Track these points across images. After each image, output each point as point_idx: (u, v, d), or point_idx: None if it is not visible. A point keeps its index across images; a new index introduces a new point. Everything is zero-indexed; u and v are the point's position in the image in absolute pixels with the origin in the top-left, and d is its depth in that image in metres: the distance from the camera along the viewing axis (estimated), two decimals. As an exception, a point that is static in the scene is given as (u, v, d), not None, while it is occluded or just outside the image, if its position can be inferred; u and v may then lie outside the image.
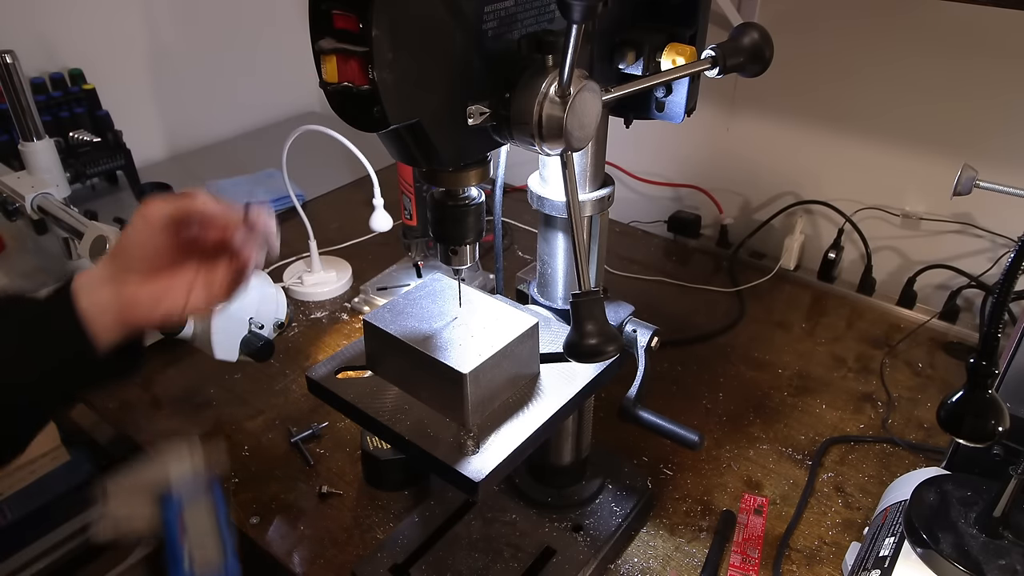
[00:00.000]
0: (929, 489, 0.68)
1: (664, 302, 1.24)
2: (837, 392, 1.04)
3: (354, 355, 0.69)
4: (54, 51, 1.47)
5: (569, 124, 0.50)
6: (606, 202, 0.66)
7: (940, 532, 0.63)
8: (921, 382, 1.06)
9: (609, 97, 0.54)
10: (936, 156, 1.14)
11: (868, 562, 0.69)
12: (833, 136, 1.23)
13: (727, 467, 0.91)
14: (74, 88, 1.45)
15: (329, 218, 1.43)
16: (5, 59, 1.02)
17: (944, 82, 1.09)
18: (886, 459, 0.93)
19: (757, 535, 0.82)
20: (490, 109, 0.51)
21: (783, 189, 1.32)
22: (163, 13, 1.62)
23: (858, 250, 1.25)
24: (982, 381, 0.56)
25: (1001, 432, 0.56)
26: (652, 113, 0.66)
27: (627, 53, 0.62)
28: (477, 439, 0.59)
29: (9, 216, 1.12)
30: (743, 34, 0.60)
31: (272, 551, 0.81)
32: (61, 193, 1.12)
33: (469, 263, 0.62)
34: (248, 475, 0.90)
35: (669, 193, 1.45)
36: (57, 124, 1.37)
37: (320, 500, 0.86)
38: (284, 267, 1.27)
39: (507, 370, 0.63)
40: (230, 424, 0.97)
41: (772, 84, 1.24)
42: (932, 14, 1.06)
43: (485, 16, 0.49)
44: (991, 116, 1.07)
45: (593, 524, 0.80)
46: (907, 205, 1.20)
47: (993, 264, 1.14)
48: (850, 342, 1.14)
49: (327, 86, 0.46)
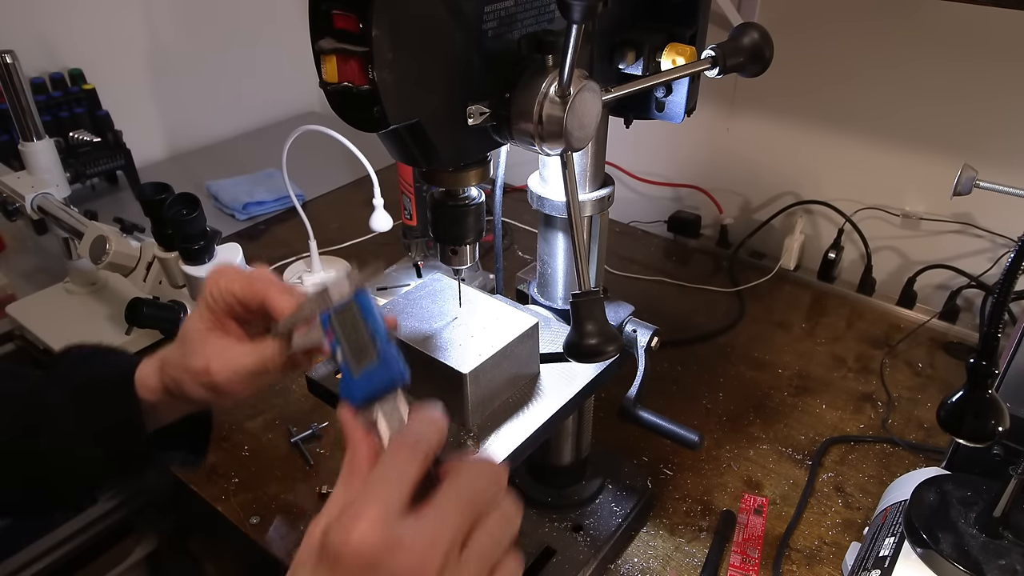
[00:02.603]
0: (929, 489, 0.68)
1: (664, 302, 1.24)
2: (837, 392, 1.04)
3: (354, 355, 0.69)
4: (54, 51, 1.47)
5: (569, 124, 0.50)
6: (606, 202, 0.66)
7: (940, 532, 0.63)
8: (921, 382, 1.06)
9: (609, 97, 0.54)
10: (936, 156, 1.14)
11: (868, 562, 0.69)
12: (833, 136, 1.23)
13: (727, 467, 0.91)
14: (74, 88, 1.45)
15: (329, 218, 1.43)
16: (5, 59, 1.02)
17: (945, 82, 1.09)
18: (886, 459, 0.93)
19: (757, 535, 0.82)
20: (490, 109, 0.51)
21: (783, 189, 1.32)
22: (163, 13, 1.62)
23: (858, 250, 1.25)
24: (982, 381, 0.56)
25: (1001, 432, 0.56)
26: (652, 113, 0.66)
27: (627, 53, 0.62)
28: (477, 439, 0.59)
29: (9, 216, 1.12)
30: (743, 34, 0.60)
31: (272, 551, 0.81)
32: (61, 193, 1.12)
33: (469, 263, 0.62)
34: (248, 475, 0.90)
35: (669, 193, 1.45)
36: (57, 124, 1.38)
37: (320, 500, 0.86)
38: (284, 267, 1.27)
39: (507, 370, 0.63)
40: (230, 424, 0.97)
41: (772, 84, 1.24)
42: (933, 14, 1.06)
43: (485, 16, 0.49)
44: (991, 116, 1.07)
45: (593, 524, 0.80)
46: (907, 205, 1.20)
47: (993, 264, 1.14)
48: (850, 342, 1.14)
49: (327, 86, 0.46)
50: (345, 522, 0.35)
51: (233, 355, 0.53)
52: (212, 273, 0.54)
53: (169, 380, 0.55)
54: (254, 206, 1.48)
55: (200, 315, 0.54)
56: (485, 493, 0.38)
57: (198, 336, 0.53)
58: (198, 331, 0.54)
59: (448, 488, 0.37)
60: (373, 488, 0.36)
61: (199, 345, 0.53)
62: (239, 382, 0.53)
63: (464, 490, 0.37)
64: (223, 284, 0.53)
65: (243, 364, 0.53)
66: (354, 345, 0.45)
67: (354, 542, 0.34)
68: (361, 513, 0.35)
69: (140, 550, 1.14)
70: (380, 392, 0.43)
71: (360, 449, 0.41)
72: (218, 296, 0.53)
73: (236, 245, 0.92)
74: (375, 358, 0.44)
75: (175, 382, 0.55)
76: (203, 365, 0.52)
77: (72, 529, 1.06)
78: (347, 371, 0.44)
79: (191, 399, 0.55)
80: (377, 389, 0.43)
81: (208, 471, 0.90)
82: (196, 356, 0.53)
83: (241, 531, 0.83)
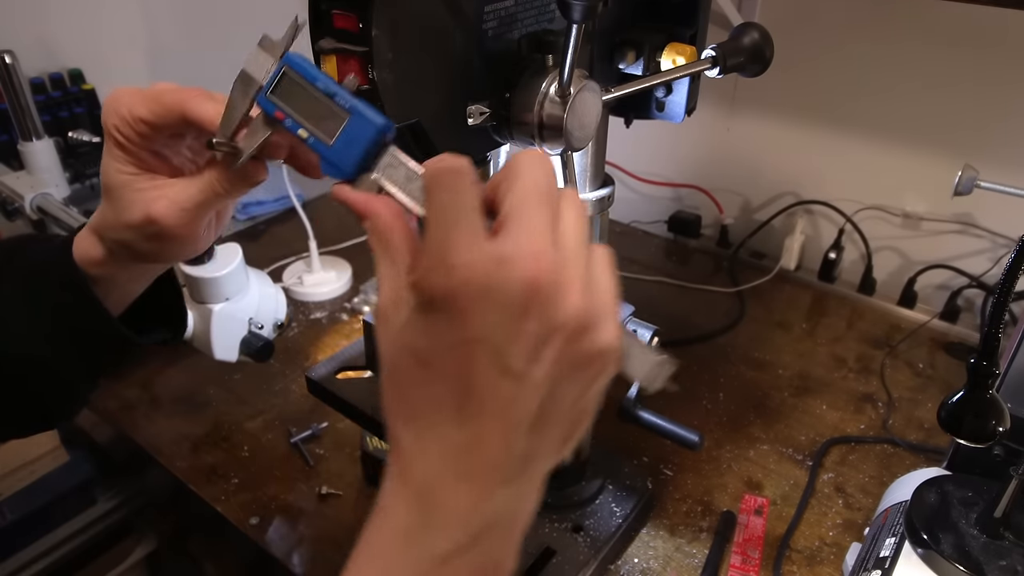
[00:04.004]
0: (930, 490, 0.68)
1: (664, 302, 1.24)
2: (837, 392, 1.04)
3: (354, 355, 0.69)
4: (53, 51, 1.47)
5: (569, 124, 0.50)
6: (606, 202, 0.66)
7: (941, 533, 0.63)
8: (922, 382, 1.06)
9: (609, 97, 0.54)
10: (937, 156, 1.14)
11: (868, 563, 0.69)
12: (834, 136, 1.22)
13: (727, 467, 0.91)
14: (73, 88, 1.45)
15: (329, 218, 1.43)
16: (4, 59, 1.02)
17: (946, 82, 1.09)
18: (887, 459, 0.93)
19: (757, 535, 0.82)
20: (490, 109, 0.51)
21: (783, 189, 1.32)
22: (163, 13, 1.62)
23: (858, 250, 1.25)
24: (983, 381, 0.56)
25: (1002, 432, 0.56)
26: (652, 113, 0.66)
27: (627, 53, 0.62)
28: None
29: (8, 216, 1.12)
30: (743, 34, 0.60)
31: (272, 552, 0.80)
32: (60, 193, 1.12)
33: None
34: (248, 475, 0.89)
35: (669, 193, 1.45)
36: (56, 124, 1.37)
37: (320, 501, 0.86)
38: (284, 267, 1.27)
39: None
40: (230, 424, 0.97)
41: (772, 84, 1.24)
42: (934, 14, 1.05)
43: (485, 16, 0.49)
44: (992, 116, 1.07)
45: (593, 524, 0.80)
46: (908, 205, 1.20)
47: (994, 264, 1.14)
48: (850, 342, 1.14)
49: (327, 86, 0.46)
50: (435, 263, 0.31)
51: (172, 193, 0.45)
52: (107, 103, 0.44)
53: (112, 244, 0.48)
54: (254, 206, 1.48)
55: (114, 157, 0.45)
56: (548, 182, 0.33)
57: (122, 183, 0.45)
58: (120, 179, 0.45)
59: (511, 195, 0.32)
60: (441, 223, 0.31)
61: (128, 193, 0.45)
62: (189, 222, 0.46)
63: (529, 188, 0.32)
64: (125, 112, 0.44)
65: (188, 198, 0.45)
66: (313, 112, 0.38)
67: (460, 274, 0.30)
68: (449, 248, 0.30)
69: (140, 550, 1.14)
70: (371, 148, 0.37)
71: (383, 214, 0.35)
72: (125, 128, 0.44)
73: (236, 245, 0.92)
74: (345, 114, 0.37)
75: (119, 244, 0.47)
76: (142, 215, 0.45)
77: (72, 529, 1.06)
78: (320, 145, 0.38)
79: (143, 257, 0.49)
80: (366, 146, 0.37)
81: (207, 471, 0.90)
82: (131, 208, 0.45)
83: (241, 531, 0.83)
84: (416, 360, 0.32)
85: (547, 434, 0.33)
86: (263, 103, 0.40)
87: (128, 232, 0.46)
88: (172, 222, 0.45)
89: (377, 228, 0.35)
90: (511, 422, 0.32)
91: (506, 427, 0.32)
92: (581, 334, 0.32)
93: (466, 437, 0.32)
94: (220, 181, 0.45)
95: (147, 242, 0.47)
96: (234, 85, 0.41)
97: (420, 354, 0.32)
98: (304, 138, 0.38)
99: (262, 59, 0.40)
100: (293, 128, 0.39)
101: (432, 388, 0.32)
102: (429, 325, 0.32)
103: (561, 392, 0.33)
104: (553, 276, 0.31)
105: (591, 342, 0.32)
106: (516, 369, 0.31)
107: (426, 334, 0.32)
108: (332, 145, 0.37)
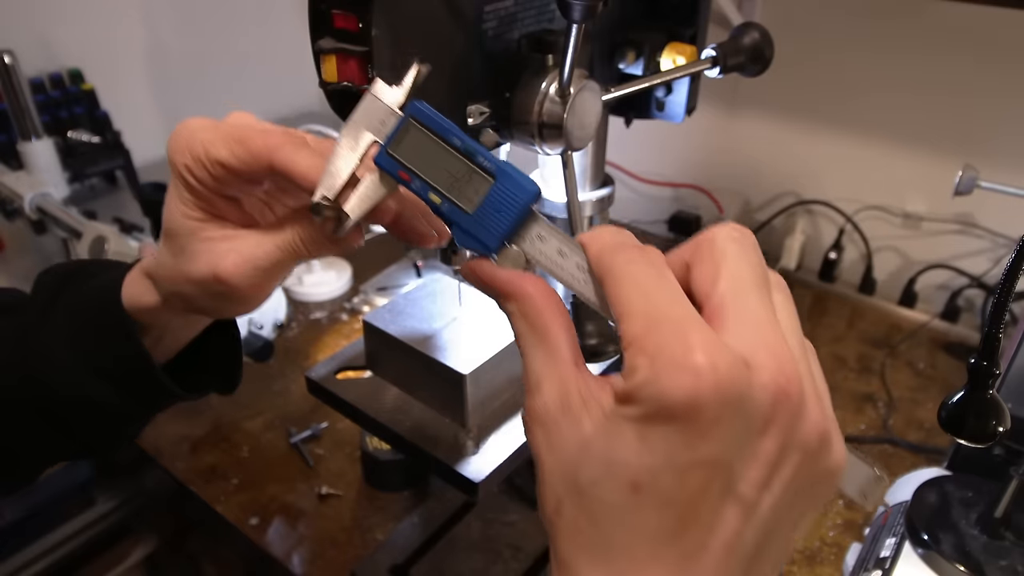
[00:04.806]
0: (930, 490, 0.68)
1: (664, 302, 1.24)
2: (838, 392, 1.03)
3: (354, 355, 0.69)
4: (53, 51, 1.47)
5: (569, 124, 0.50)
6: (606, 202, 0.66)
7: (941, 533, 0.63)
8: (922, 382, 1.05)
9: (609, 97, 0.54)
10: (937, 156, 1.14)
11: (869, 563, 0.69)
12: (834, 136, 1.22)
13: (727, 467, 0.91)
14: (73, 88, 1.45)
15: (329, 218, 1.43)
16: (4, 59, 1.02)
17: (946, 82, 1.09)
18: (887, 459, 0.92)
19: (757, 536, 0.82)
20: (490, 109, 0.51)
21: (784, 189, 1.32)
22: (163, 13, 1.61)
23: (859, 250, 1.25)
24: (983, 381, 0.56)
25: (1002, 433, 0.56)
26: (652, 113, 0.66)
27: (627, 53, 0.62)
28: (477, 439, 0.59)
29: (8, 216, 1.12)
30: (743, 34, 0.60)
31: (272, 552, 0.80)
32: (60, 193, 1.12)
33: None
34: (247, 476, 0.89)
35: (669, 193, 1.45)
36: (56, 124, 1.37)
37: (320, 501, 0.86)
38: (284, 267, 1.26)
39: (507, 370, 0.62)
40: (229, 425, 0.97)
41: (773, 84, 1.23)
42: (934, 14, 1.05)
43: (485, 16, 0.49)
44: (993, 116, 1.07)
45: (593, 525, 0.79)
46: (908, 205, 1.20)
47: (994, 264, 1.14)
48: (851, 342, 1.14)
49: (327, 86, 0.46)
50: (667, 364, 0.25)
51: (245, 248, 0.39)
52: (177, 137, 0.38)
53: (168, 295, 0.42)
54: (254, 206, 1.47)
55: (182, 200, 0.39)
56: (761, 263, 0.29)
57: (188, 231, 0.39)
58: (186, 225, 0.39)
59: (722, 280, 0.27)
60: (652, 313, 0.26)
61: (194, 243, 0.39)
62: (260, 282, 0.40)
63: (744, 273, 0.28)
64: (200, 151, 0.37)
65: (265, 256, 0.39)
66: (447, 173, 0.32)
67: (708, 379, 0.24)
68: (686, 345, 0.25)
69: (139, 550, 1.14)
70: (521, 214, 0.31)
71: (535, 295, 0.30)
72: (199, 170, 0.38)
73: (236, 245, 0.92)
74: (489, 177, 0.32)
75: (177, 296, 0.42)
76: (209, 271, 0.39)
77: (72, 529, 1.06)
78: (456, 211, 0.32)
79: (201, 311, 0.43)
80: (517, 216, 0.31)
81: (207, 472, 0.90)
82: (196, 260, 0.39)
83: (241, 532, 0.83)
84: (625, 481, 0.26)
85: (759, 572, 0.28)
86: (383, 162, 0.33)
87: (189, 286, 0.40)
88: (241, 282, 0.39)
89: (529, 313, 0.30)
90: (731, 563, 0.26)
91: (724, 569, 0.26)
92: (819, 453, 0.27)
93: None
94: (306, 243, 0.39)
95: (209, 299, 0.41)
96: (343, 137, 0.35)
97: (633, 474, 0.26)
98: (436, 204, 0.33)
99: (376, 107, 0.34)
100: (422, 192, 0.33)
101: (641, 516, 0.26)
102: (656, 439, 0.25)
103: (783, 521, 0.27)
104: (799, 385, 0.26)
105: (826, 461, 0.27)
106: (747, 498, 0.26)
107: (648, 451, 0.25)
108: (473, 212, 0.32)
